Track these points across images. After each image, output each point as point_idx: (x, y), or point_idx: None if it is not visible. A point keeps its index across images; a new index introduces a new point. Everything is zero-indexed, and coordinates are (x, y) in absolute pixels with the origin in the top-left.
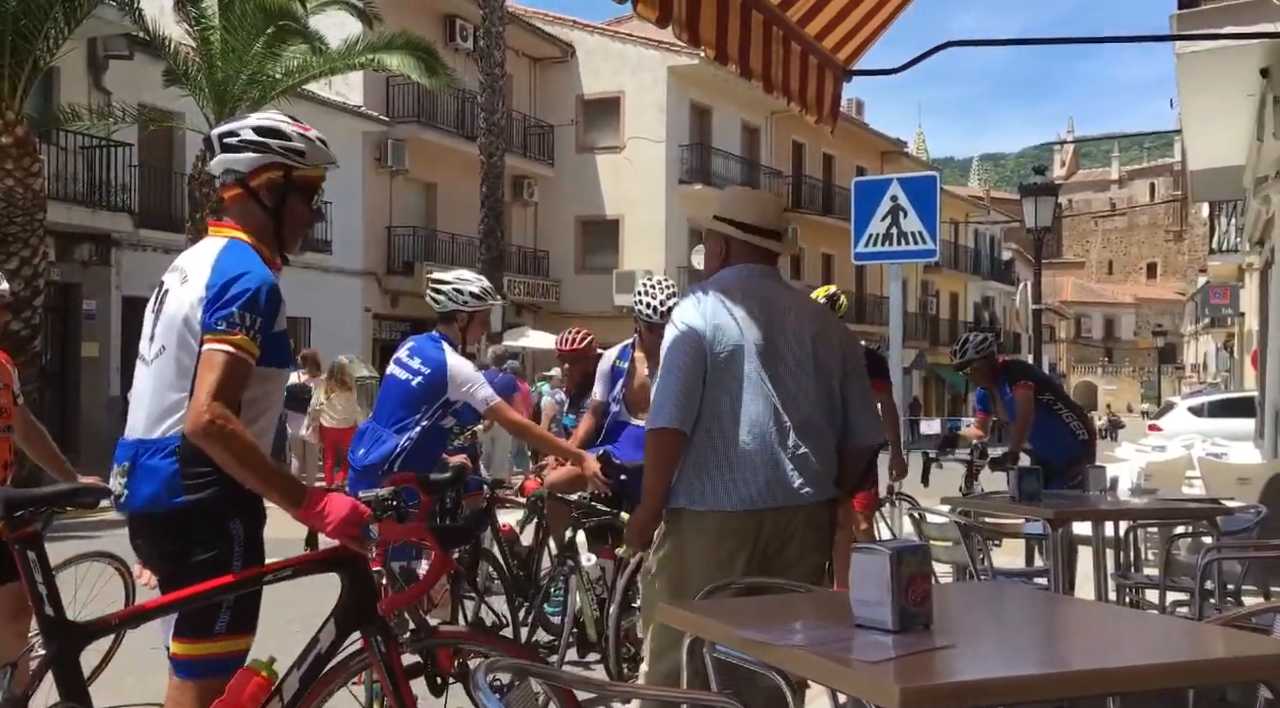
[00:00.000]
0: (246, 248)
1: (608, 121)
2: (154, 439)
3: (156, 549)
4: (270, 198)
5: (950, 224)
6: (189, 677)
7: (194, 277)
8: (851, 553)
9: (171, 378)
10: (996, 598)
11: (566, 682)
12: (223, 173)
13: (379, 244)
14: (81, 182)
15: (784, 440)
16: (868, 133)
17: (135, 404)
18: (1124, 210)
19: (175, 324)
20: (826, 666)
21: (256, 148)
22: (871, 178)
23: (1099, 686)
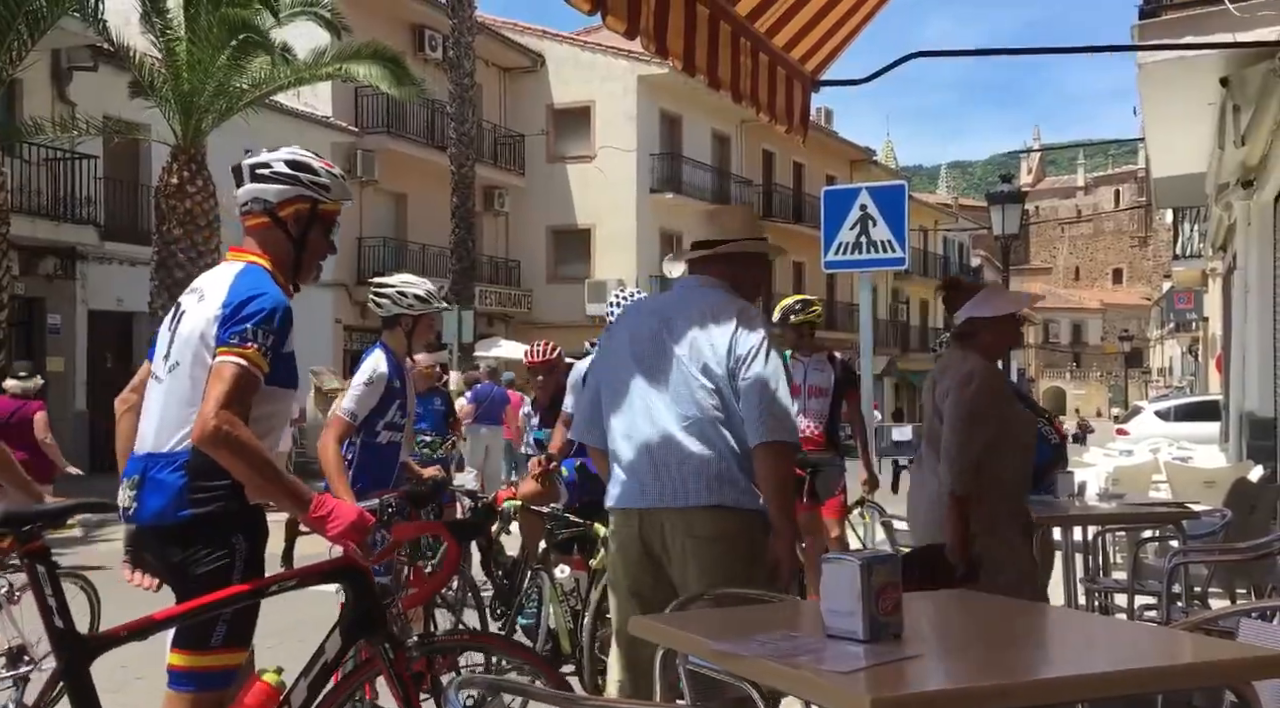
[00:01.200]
0: (263, 271)
1: (578, 131)
2: (163, 453)
3: (162, 561)
4: (295, 228)
5: (919, 231)
6: (186, 688)
7: (210, 296)
8: (822, 563)
9: (185, 393)
10: (967, 606)
11: (540, 696)
12: (250, 201)
13: (349, 255)
14: (46, 194)
15: (649, 446)
16: (837, 141)
17: (146, 419)
18: (1090, 217)
19: (191, 341)
20: (797, 676)
21: (287, 181)
22: (840, 187)
23: (1069, 693)
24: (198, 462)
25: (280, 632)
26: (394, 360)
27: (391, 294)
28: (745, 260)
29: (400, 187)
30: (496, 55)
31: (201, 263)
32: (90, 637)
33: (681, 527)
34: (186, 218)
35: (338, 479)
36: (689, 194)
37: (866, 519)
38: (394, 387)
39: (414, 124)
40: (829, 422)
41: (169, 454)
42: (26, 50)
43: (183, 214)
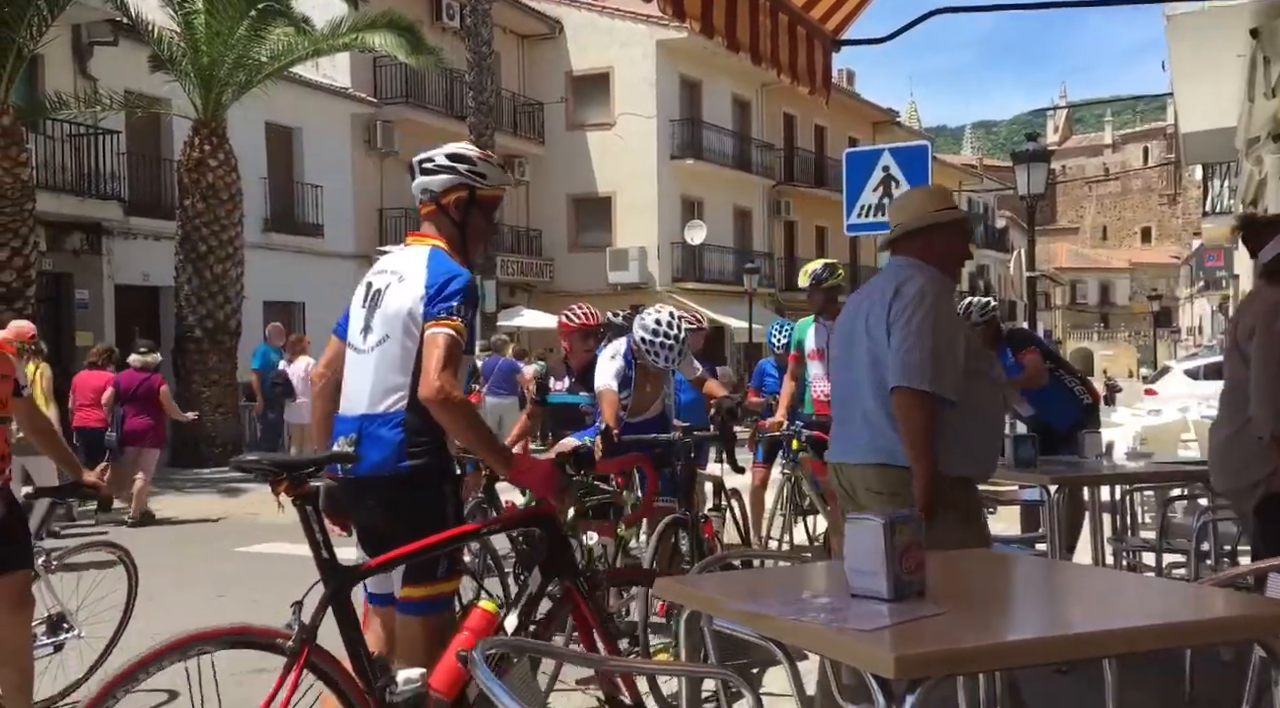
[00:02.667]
0: (444, 253)
1: (597, 98)
2: (380, 413)
3: (385, 507)
4: (457, 213)
5: None
6: (419, 613)
7: (410, 277)
8: (845, 523)
9: (396, 361)
10: (992, 565)
11: (565, 657)
12: (421, 192)
13: (370, 226)
14: (70, 170)
15: (842, 407)
16: (859, 103)
17: (354, 385)
18: (1117, 175)
19: (399, 317)
20: (822, 635)
21: (448, 171)
22: (863, 149)
23: (1095, 648)
24: (413, 420)
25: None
26: None
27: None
28: (929, 235)
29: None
30: (514, 22)
31: (224, 236)
32: (347, 568)
33: (859, 480)
34: (209, 192)
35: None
36: (710, 160)
37: None
38: None
39: (433, 94)
40: None
41: (384, 414)
42: (47, 25)
43: (205, 188)
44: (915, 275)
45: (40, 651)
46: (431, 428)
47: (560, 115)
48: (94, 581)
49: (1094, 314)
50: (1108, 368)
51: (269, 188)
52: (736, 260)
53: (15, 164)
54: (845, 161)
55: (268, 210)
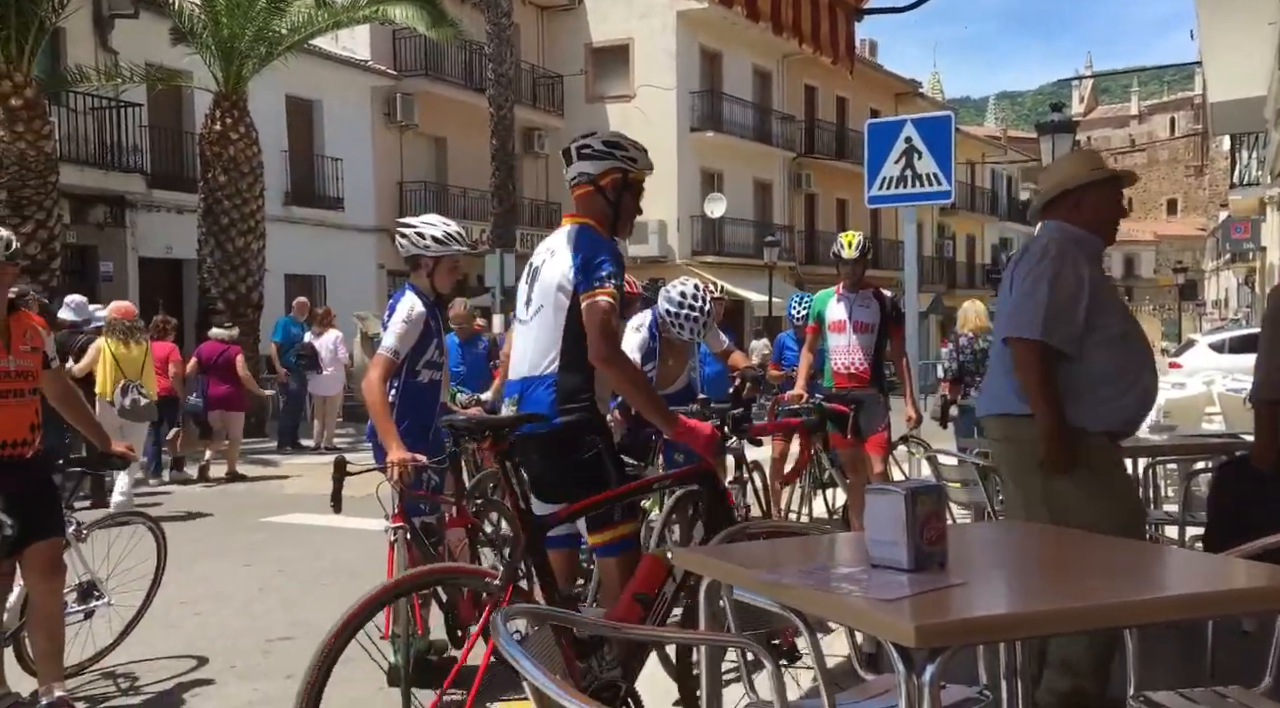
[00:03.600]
0: (592, 229)
1: (617, 70)
2: (536, 376)
3: (545, 459)
4: (612, 194)
5: (966, 165)
6: (610, 555)
7: (561, 253)
8: (866, 494)
9: (550, 328)
10: (1014, 536)
11: (586, 625)
12: (578, 175)
13: (390, 200)
14: (93, 143)
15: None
16: (881, 74)
17: (518, 352)
18: (1143, 146)
19: (551, 289)
20: (843, 604)
21: (605, 156)
22: (885, 120)
23: (1115, 618)
24: (564, 380)
25: (334, 570)
26: (427, 299)
27: (410, 235)
28: (1077, 197)
29: (439, 130)
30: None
31: (246, 209)
32: (540, 517)
33: (988, 430)
34: (230, 165)
35: (383, 416)
36: (730, 132)
37: (912, 454)
38: (430, 325)
39: (452, 66)
40: (874, 358)
41: (540, 376)
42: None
43: (226, 161)
44: (1049, 235)
45: (71, 618)
46: (580, 387)
47: (580, 87)
48: (124, 549)
49: (1118, 287)
50: None
51: (289, 161)
52: (756, 233)
53: (39, 137)
54: (867, 133)
55: (288, 183)
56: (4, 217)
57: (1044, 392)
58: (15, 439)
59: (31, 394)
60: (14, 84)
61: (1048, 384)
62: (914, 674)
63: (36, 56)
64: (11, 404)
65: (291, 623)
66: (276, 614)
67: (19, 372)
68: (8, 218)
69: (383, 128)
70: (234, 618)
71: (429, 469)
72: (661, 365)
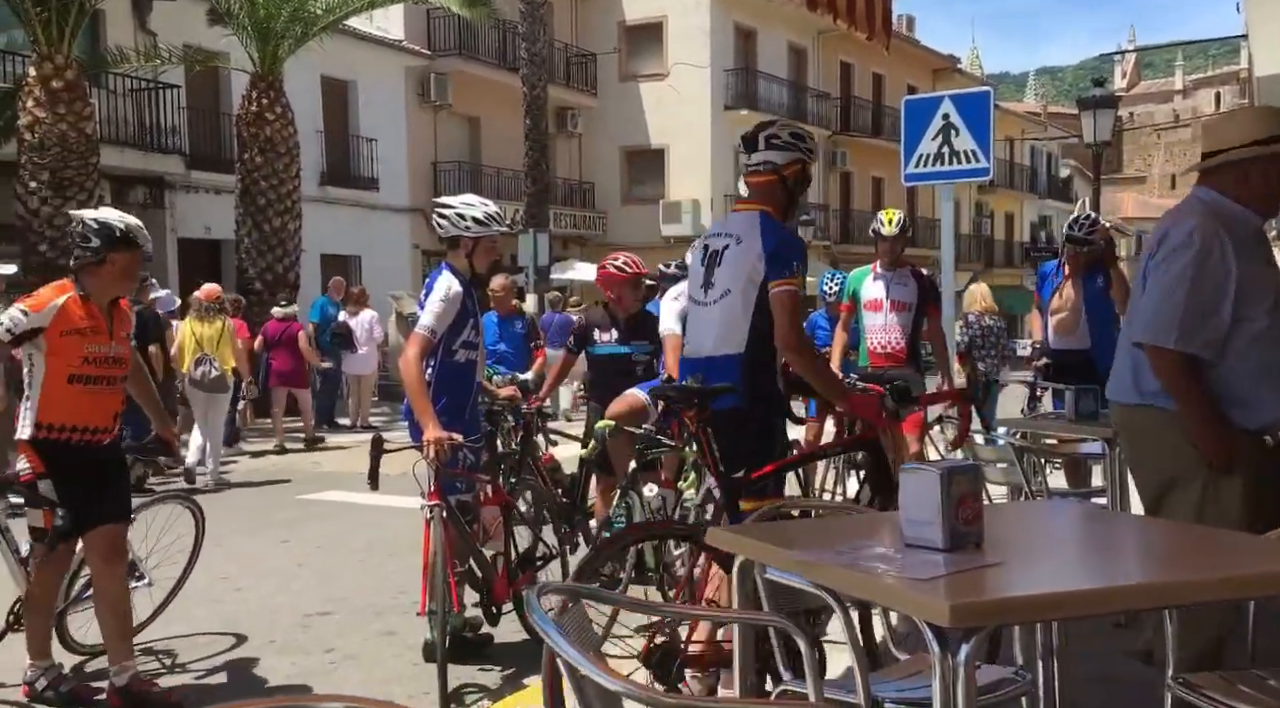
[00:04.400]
0: (771, 217)
1: (650, 48)
2: (720, 356)
3: (725, 434)
4: (794, 183)
5: (1005, 142)
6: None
7: (748, 241)
8: (901, 473)
9: (737, 312)
10: (1051, 516)
11: (620, 604)
12: (762, 164)
13: (424, 180)
14: (132, 124)
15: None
16: (919, 50)
17: (698, 333)
18: (1188, 122)
19: (740, 275)
20: (877, 584)
21: (791, 147)
22: (922, 96)
23: (1155, 599)
24: (747, 362)
25: (370, 547)
26: (464, 279)
27: (450, 216)
28: (1245, 168)
29: (473, 110)
30: None
31: (282, 190)
32: (735, 479)
33: (1121, 419)
34: (267, 145)
35: (420, 395)
36: (764, 110)
37: (946, 435)
38: (467, 305)
39: (486, 46)
40: (911, 337)
41: (724, 357)
42: None
43: (263, 142)
44: (1194, 216)
45: None
46: (761, 369)
47: (613, 66)
48: (162, 527)
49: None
50: None
51: (325, 141)
52: None
53: (80, 118)
54: (904, 109)
55: (324, 164)
56: (47, 197)
57: (1189, 397)
58: (99, 426)
59: (121, 382)
60: (55, 66)
61: (1192, 389)
62: (948, 654)
63: (76, 38)
64: (104, 391)
65: (329, 599)
66: (314, 590)
67: (116, 358)
68: (50, 198)
69: (417, 108)
70: (273, 594)
71: (465, 448)
72: None
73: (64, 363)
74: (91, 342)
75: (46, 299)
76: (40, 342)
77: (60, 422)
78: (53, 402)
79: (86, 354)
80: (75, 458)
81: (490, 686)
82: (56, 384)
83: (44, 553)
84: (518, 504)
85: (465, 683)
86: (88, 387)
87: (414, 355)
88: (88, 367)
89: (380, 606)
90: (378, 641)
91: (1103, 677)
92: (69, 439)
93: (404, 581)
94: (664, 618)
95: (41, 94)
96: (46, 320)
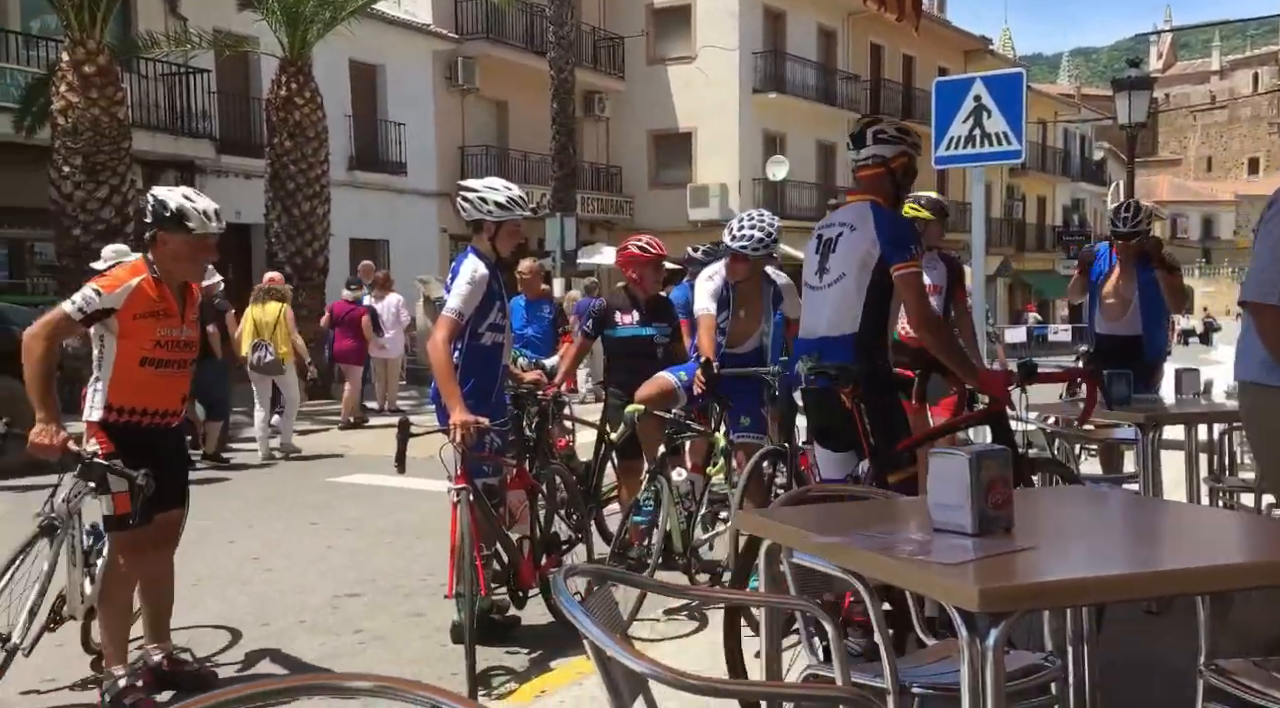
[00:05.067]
0: (883, 207)
1: (678, 31)
2: (834, 336)
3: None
4: (900, 175)
5: (1038, 124)
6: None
7: (862, 227)
8: (930, 458)
9: (851, 294)
10: (1082, 502)
11: (646, 586)
12: (870, 157)
13: (452, 164)
14: (163, 109)
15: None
16: (950, 31)
17: (813, 315)
18: (1225, 103)
19: (854, 260)
20: (905, 568)
21: (897, 141)
22: (953, 78)
23: (1186, 585)
24: (862, 339)
25: (397, 529)
26: (489, 262)
27: (473, 199)
28: None
29: (501, 94)
30: None
31: (311, 174)
32: (892, 452)
33: (1243, 398)
34: (296, 130)
35: (447, 379)
36: (793, 93)
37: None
38: (493, 287)
39: (513, 29)
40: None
41: (839, 337)
42: None
43: (292, 126)
44: None
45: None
46: (873, 348)
47: (640, 49)
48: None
49: (1195, 249)
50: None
51: (353, 126)
52: (819, 196)
53: (112, 103)
54: (935, 91)
55: (352, 148)
56: (80, 181)
57: None
58: (168, 409)
59: (191, 365)
60: (87, 51)
61: None
62: (977, 639)
63: (108, 24)
64: (175, 374)
65: (358, 580)
66: (344, 572)
67: (187, 341)
68: (83, 183)
69: (444, 92)
70: (303, 575)
71: (491, 431)
72: (735, 318)
73: (136, 346)
74: (164, 325)
75: (120, 280)
76: (112, 323)
77: (131, 404)
78: (123, 384)
79: (159, 338)
80: (143, 440)
81: (517, 669)
82: (128, 367)
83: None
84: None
85: (492, 665)
86: (159, 370)
87: (442, 339)
88: (160, 350)
89: (408, 587)
90: (405, 622)
91: (1134, 663)
92: (139, 422)
93: (431, 563)
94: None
95: (74, 79)
96: (119, 302)
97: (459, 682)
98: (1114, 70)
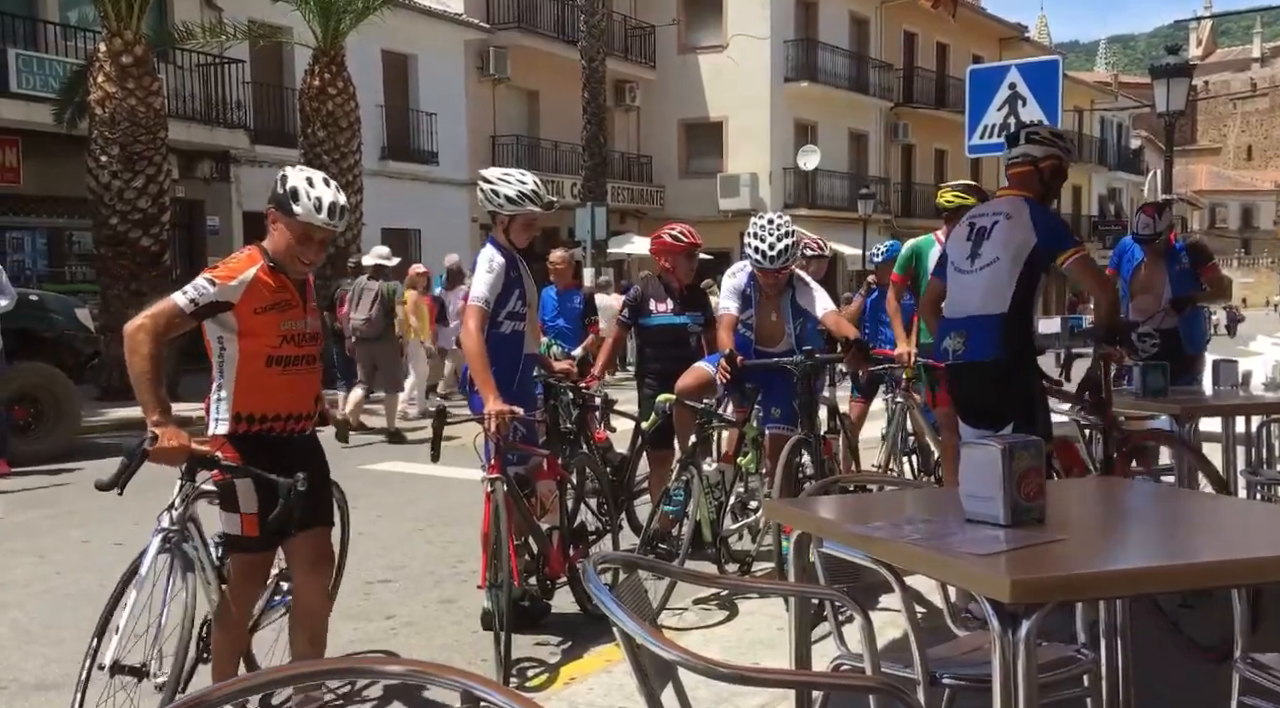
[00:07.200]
0: (1037, 202)
1: (710, 19)
2: (983, 316)
3: (983, 385)
4: (1048, 176)
5: (1074, 112)
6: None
7: (1018, 217)
8: (962, 448)
9: (1003, 278)
10: (1116, 493)
11: (676, 575)
12: (1022, 155)
13: (483, 154)
14: (198, 99)
15: None
16: (985, 18)
17: (961, 295)
18: (1266, 90)
19: (1009, 246)
20: (935, 559)
21: (1050, 143)
22: (988, 66)
23: (1224, 577)
24: (1010, 321)
25: (429, 517)
26: (507, 251)
27: (487, 191)
28: None
29: (532, 83)
30: None
31: (344, 164)
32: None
33: None
34: (329, 120)
35: (482, 367)
36: (825, 82)
37: None
38: (511, 275)
39: (544, 18)
40: None
41: (988, 316)
42: None
43: (325, 116)
44: None
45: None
46: (1022, 328)
47: (672, 38)
48: None
49: (1234, 240)
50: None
51: (385, 115)
52: (851, 186)
53: (148, 93)
54: (969, 79)
55: (384, 138)
56: (117, 171)
57: None
58: (302, 412)
59: (320, 359)
60: (124, 42)
61: None
62: (1009, 631)
63: (145, 15)
64: (305, 371)
65: (389, 567)
66: (375, 559)
67: (313, 334)
68: (120, 172)
69: (476, 81)
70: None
71: (522, 420)
72: (760, 315)
73: (261, 344)
74: (287, 317)
75: (237, 270)
76: (230, 321)
77: (261, 411)
78: (251, 389)
79: (284, 332)
80: (277, 451)
81: (547, 659)
82: (254, 368)
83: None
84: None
85: (523, 654)
86: (288, 369)
87: (474, 327)
88: (287, 346)
89: (439, 574)
90: (437, 608)
91: (1168, 656)
92: (271, 430)
93: (462, 550)
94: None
95: (112, 70)
96: (236, 295)
97: (489, 668)
98: (1152, 57)
